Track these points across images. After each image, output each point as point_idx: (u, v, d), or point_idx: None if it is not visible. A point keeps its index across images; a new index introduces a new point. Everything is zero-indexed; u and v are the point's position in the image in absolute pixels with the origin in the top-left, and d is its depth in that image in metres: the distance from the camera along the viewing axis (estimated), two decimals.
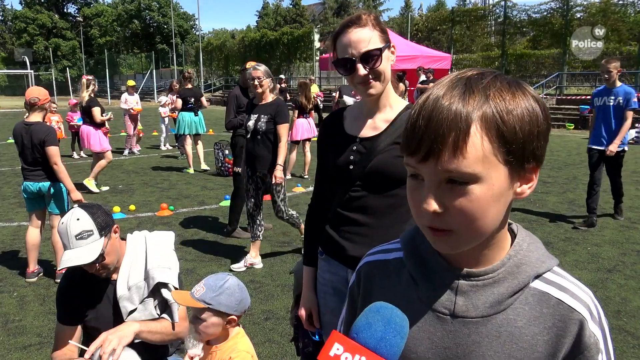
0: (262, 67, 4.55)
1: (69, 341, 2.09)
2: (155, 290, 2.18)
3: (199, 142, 10.28)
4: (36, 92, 4.59)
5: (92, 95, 8.20)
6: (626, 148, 5.99)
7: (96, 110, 8.10)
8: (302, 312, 1.92)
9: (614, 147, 5.75)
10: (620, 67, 5.86)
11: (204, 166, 10.10)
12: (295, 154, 9.16)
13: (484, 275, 0.79)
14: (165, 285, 2.18)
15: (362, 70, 1.64)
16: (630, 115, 5.77)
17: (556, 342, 0.76)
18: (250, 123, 4.55)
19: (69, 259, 2.00)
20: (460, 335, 0.79)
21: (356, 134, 1.78)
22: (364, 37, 1.63)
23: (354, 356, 0.69)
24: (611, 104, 5.79)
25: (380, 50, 1.64)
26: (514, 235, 0.84)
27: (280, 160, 4.52)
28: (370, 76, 1.65)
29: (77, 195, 4.52)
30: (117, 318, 2.16)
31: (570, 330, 0.76)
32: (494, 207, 0.72)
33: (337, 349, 0.70)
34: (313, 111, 9.24)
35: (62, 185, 4.58)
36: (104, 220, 2.09)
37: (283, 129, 4.52)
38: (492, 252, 0.79)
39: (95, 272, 2.10)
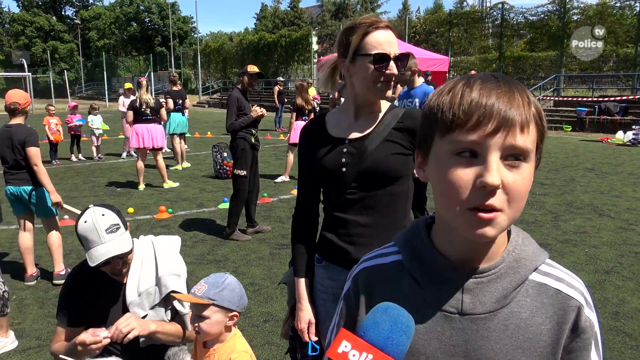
0: None
1: (60, 356, 2.03)
2: (167, 298, 2.19)
3: (182, 141, 10.87)
4: (15, 97, 4.48)
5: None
6: None
7: (163, 110, 8.61)
8: (303, 326, 1.87)
9: None
10: (419, 67, 5.45)
11: (185, 164, 10.65)
12: (293, 156, 9.17)
13: (487, 271, 0.81)
14: (177, 293, 2.20)
15: (395, 69, 1.68)
16: None
17: (558, 330, 0.81)
18: None
19: (107, 251, 1.99)
20: (469, 332, 0.81)
21: (344, 136, 1.79)
22: (396, 41, 1.70)
23: (361, 354, 0.72)
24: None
25: (409, 56, 1.73)
26: (507, 232, 0.86)
27: None
28: (394, 78, 1.70)
29: (56, 197, 4.48)
30: None
31: (569, 317, 0.81)
32: (528, 191, 0.77)
33: (345, 346, 0.72)
34: (312, 113, 9.24)
35: (43, 189, 4.50)
36: (122, 216, 2.13)
37: None
38: (493, 249, 0.82)
39: (116, 271, 2.09)
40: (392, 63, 1.67)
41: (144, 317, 2.15)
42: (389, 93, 1.74)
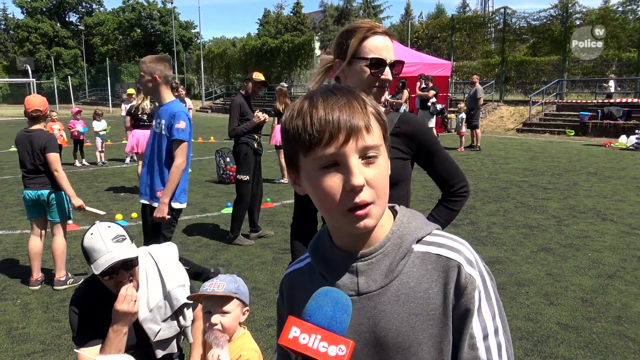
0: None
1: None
2: (179, 310, 2.23)
3: None
4: (37, 104, 4.56)
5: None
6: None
7: None
8: None
9: (160, 209, 3.68)
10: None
11: None
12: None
13: (374, 252, 0.90)
14: (186, 305, 2.24)
15: (389, 75, 1.71)
16: (179, 153, 3.68)
17: (444, 291, 0.87)
18: None
19: (112, 257, 1.98)
20: (369, 308, 0.90)
21: None
22: (391, 46, 1.73)
23: (310, 335, 0.78)
24: (158, 131, 3.78)
25: (403, 64, 1.76)
26: (395, 215, 0.96)
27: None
28: (388, 84, 1.73)
29: (78, 201, 4.55)
30: (141, 339, 2.18)
31: (452, 277, 0.87)
32: (388, 178, 0.89)
33: (295, 332, 0.79)
34: None
35: (62, 192, 4.60)
36: (127, 231, 2.15)
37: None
38: (377, 232, 0.91)
39: (119, 288, 2.06)
40: (387, 69, 1.70)
41: (158, 332, 2.18)
42: (383, 98, 1.77)
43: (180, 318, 2.25)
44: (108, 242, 2.01)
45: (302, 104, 0.87)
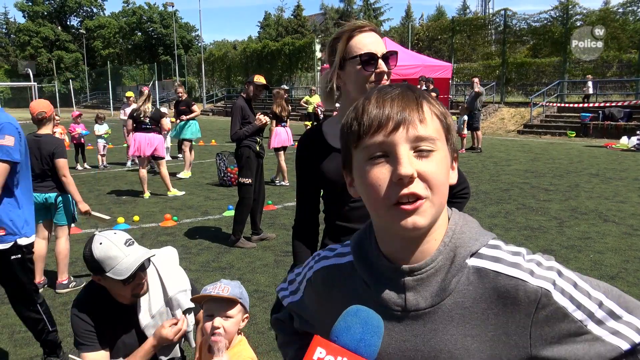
0: None
1: None
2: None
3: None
4: (41, 106, 4.59)
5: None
6: None
7: (166, 120, 8.66)
8: None
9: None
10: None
11: (186, 174, 10.66)
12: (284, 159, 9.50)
13: (424, 267, 0.83)
14: (188, 310, 2.24)
15: (384, 67, 1.69)
16: None
17: (505, 311, 0.80)
18: None
19: (135, 261, 1.98)
20: (417, 327, 0.84)
21: None
22: (380, 41, 1.73)
23: (336, 358, 0.74)
24: None
25: (397, 54, 1.74)
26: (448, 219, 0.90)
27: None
28: (385, 76, 1.71)
29: (84, 206, 4.60)
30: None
31: (518, 296, 0.79)
32: (447, 178, 0.82)
33: (320, 353, 0.74)
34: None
35: (69, 196, 4.63)
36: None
37: None
38: (428, 243, 0.84)
39: (139, 290, 2.09)
40: (380, 61, 1.69)
41: None
42: None
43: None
44: (122, 247, 2.00)
45: (359, 100, 0.86)
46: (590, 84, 19.63)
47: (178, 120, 11.03)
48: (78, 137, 12.03)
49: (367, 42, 1.69)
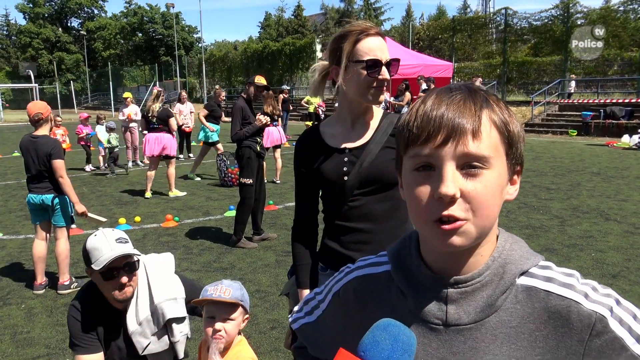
0: None
1: None
2: (167, 325, 2.19)
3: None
4: (37, 108, 4.58)
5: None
6: None
7: (173, 120, 8.72)
8: None
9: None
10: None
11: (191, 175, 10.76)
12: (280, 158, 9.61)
13: (471, 280, 0.79)
14: (175, 320, 2.19)
15: (387, 74, 1.72)
16: None
17: (555, 334, 0.75)
18: None
19: (112, 254, 2.00)
20: (456, 343, 0.79)
21: (343, 145, 1.81)
22: (385, 45, 1.75)
23: None
24: None
25: (399, 61, 1.77)
26: (497, 239, 0.85)
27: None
28: (386, 83, 1.74)
29: (81, 207, 4.58)
30: (131, 352, 2.16)
31: (568, 318, 0.75)
32: (498, 198, 0.76)
33: None
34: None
35: (66, 197, 4.62)
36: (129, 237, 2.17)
37: None
38: (475, 257, 0.79)
39: (122, 293, 2.07)
40: (384, 68, 1.71)
41: (147, 345, 2.14)
42: (382, 98, 1.77)
43: (169, 334, 2.18)
44: (112, 242, 2.03)
45: (417, 101, 0.80)
46: (572, 83, 19.71)
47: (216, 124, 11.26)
48: (86, 138, 11.98)
49: (374, 47, 1.71)
